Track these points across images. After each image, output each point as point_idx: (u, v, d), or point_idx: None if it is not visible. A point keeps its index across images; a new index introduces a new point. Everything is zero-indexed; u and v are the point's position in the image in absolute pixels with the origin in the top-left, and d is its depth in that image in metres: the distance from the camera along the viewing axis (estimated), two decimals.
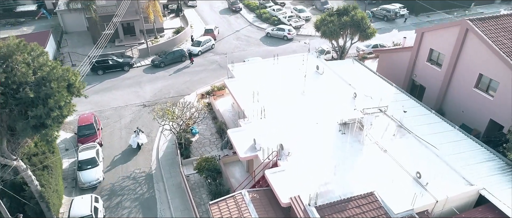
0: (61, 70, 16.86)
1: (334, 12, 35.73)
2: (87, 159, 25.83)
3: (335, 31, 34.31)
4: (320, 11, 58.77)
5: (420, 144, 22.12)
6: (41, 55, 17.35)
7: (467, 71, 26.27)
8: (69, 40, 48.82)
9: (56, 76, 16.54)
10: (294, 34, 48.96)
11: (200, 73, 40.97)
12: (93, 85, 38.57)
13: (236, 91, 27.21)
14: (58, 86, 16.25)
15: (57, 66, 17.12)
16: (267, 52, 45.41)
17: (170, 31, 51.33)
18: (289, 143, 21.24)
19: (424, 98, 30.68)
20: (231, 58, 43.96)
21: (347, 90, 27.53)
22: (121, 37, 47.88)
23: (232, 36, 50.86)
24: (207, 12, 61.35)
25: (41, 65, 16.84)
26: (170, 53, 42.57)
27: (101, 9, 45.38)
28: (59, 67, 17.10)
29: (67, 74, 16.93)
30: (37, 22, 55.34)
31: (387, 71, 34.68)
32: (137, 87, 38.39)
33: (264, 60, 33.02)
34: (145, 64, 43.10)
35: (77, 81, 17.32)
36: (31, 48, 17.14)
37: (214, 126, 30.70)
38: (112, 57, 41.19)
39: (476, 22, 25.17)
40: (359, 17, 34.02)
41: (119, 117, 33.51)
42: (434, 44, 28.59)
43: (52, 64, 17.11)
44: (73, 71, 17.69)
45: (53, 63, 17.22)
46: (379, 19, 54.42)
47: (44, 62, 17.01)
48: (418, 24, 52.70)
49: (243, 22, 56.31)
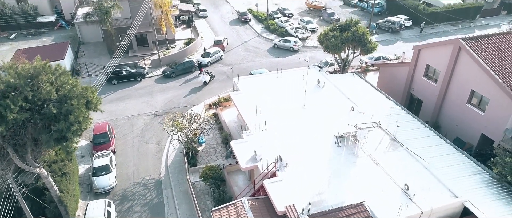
0: (80, 88, 18.84)
1: (336, 27, 37.27)
2: (101, 166, 27.89)
3: (337, 45, 35.83)
4: (327, 22, 60.34)
5: (411, 157, 23.47)
6: (63, 74, 19.37)
7: (460, 87, 27.51)
8: (86, 51, 51.42)
9: (76, 94, 18.54)
10: (300, 46, 50.60)
11: (209, 84, 42.87)
12: (107, 94, 40.85)
13: (240, 104, 28.95)
14: (78, 103, 18.24)
15: (77, 85, 19.15)
16: (273, 64, 47.17)
17: (181, 42, 53.54)
18: (287, 155, 22.87)
19: (422, 111, 31.97)
20: (239, 69, 45.91)
21: (346, 104, 28.98)
22: (135, 48, 50.25)
23: (241, 47, 52.77)
24: (218, 22, 63.48)
25: (63, 84, 18.89)
26: (181, 64, 44.66)
27: (116, 21, 47.81)
28: (79, 86, 19.12)
29: (85, 92, 18.90)
30: (56, 33, 58.23)
31: (387, 84, 36.05)
32: (149, 97, 40.51)
33: (268, 73, 34.72)
34: (157, 74, 45.26)
35: (94, 98, 19.28)
36: (55, 68, 19.18)
37: (220, 136, 32.49)
38: (126, 68, 43.47)
39: (468, 41, 26.46)
40: (360, 33, 35.49)
41: (132, 126, 35.61)
42: (430, 60, 29.90)
43: (73, 82, 19.14)
44: (91, 89, 19.68)
45: (74, 81, 19.26)
46: (384, 30, 55.65)
47: (66, 80, 19.05)
48: (421, 36, 53.80)
49: (251, 33, 58.20)
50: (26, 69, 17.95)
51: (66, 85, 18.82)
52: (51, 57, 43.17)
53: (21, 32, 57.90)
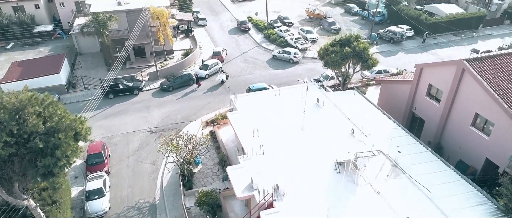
0: (69, 119, 18.10)
1: (336, 42, 36.47)
2: (95, 190, 27.16)
3: (337, 62, 35.04)
4: (327, 32, 59.61)
5: (413, 185, 22.66)
6: (51, 104, 18.64)
7: (464, 109, 26.69)
8: (83, 62, 50.75)
9: (64, 126, 17.80)
10: (300, 57, 49.84)
11: (207, 97, 42.16)
12: (104, 108, 40.15)
13: (237, 126, 28.19)
14: (66, 136, 17.51)
15: (66, 115, 18.41)
16: (273, 76, 46.44)
17: (180, 52, 52.82)
18: (285, 182, 22.09)
19: (424, 131, 31.16)
20: (237, 81, 45.24)
21: (346, 125, 28.18)
22: (132, 60, 49.57)
23: (240, 58, 52.03)
24: (217, 31, 62.78)
25: (51, 115, 18.15)
26: (178, 77, 43.93)
27: (113, 33, 47.10)
28: (68, 115, 18.38)
29: (74, 124, 18.16)
30: (53, 42, 57.64)
31: (388, 100, 35.26)
32: (146, 111, 39.78)
33: (267, 91, 33.88)
34: (154, 87, 44.54)
35: (83, 129, 18.53)
36: (42, 98, 18.45)
37: (217, 156, 31.73)
38: (122, 81, 42.76)
39: (472, 62, 25.64)
40: (361, 48, 34.68)
41: (127, 144, 34.88)
42: (433, 80, 29.09)
43: (61, 113, 18.40)
44: (80, 119, 18.94)
45: (63, 111, 18.52)
46: (385, 41, 54.83)
47: (54, 111, 18.32)
48: (423, 47, 52.97)
49: (251, 42, 57.47)
50: (12, 102, 17.19)
51: (54, 116, 18.08)
52: (47, 71, 42.82)
53: (18, 42, 57.29)
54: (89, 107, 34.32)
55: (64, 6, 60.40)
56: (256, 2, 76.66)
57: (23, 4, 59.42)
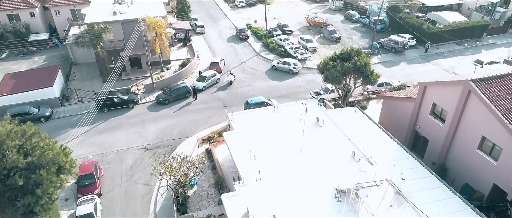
0: (51, 153, 17.01)
1: (336, 56, 35.37)
2: (85, 215, 26.01)
3: (338, 77, 33.94)
4: (328, 40, 58.50)
5: (417, 215, 21.51)
6: (34, 135, 17.56)
7: (470, 131, 25.56)
8: (78, 73, 49.71)
9: (47, 160, 16.71)
10: (299, 68, 48.71)
11: (204, 111, 41.06)
12: (98, 123, 39.07)
13: (234, 147, 27.09)
14: (48, 172, 16.42)
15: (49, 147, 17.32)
16: (272, 88, 45.33)
17: (177, 62, 51.75)
18: (283, 211, 20.97)
19: (427, 151, 30.03)
20: (235, 94, 44.18)
21: (347, 146, 27.05)
22: (128, 71, 48.50)
23: (238, 68, 50.92)
24: (215, 39, 61.69)
25: (33, 147, 17.08)
26: (175, 90, 42.82)
27: (108, 44, 46.05)
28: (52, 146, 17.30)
29: (57, 158, 17.08)
30: (49, 52, 56.61)
31: (390, 117, 34.14)
32: (141, 126, 38.69)
33: (265, 109, 32.71)
34: (150, 100, 43.46)
35: (67, 163, 17.45)
36: (23, 131, 17.36)
37: (213, 177, 30.62)
38: (117, 94, 41.67)
39: (479, 83, 24.50)
40: (362, 63, 33.58)
41: (121, 162, 33.80)
42: (437, 99, 27.96)
43: (45, 144, 17.32)
44: (65, 151, 17.86)
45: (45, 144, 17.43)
46: (387, 50, 53.68)
47: (36, 143, 17.24)
48: (426, 57, 51.82)
49: (249, 51, 56.37)
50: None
51: (36, 149, 17.01)
52: (40, 84, 41.77)
53: (12, 51, 56.30)
54: (83, 122, 33.43)
55: (60, 14, 59.49)
56: (256, 9, 75.73)
57: (18, 13, 58.48)
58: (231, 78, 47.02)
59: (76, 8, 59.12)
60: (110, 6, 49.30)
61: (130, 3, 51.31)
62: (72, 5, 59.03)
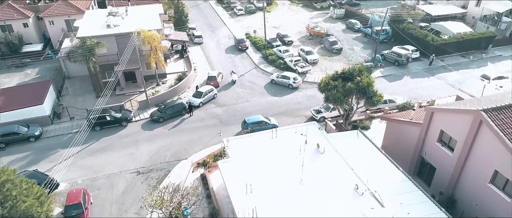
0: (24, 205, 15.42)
1: (338, 76, 33.75)
2: None
3: (339, 98, 32.32)
4: (329, 52, 56.88)
5: None
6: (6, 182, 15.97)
7: (481, 163, 23.90)
8: (71, 87, 48.14)
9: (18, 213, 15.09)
10: (299, 83, 47.07)
11: (200, 130, 39.44)
12: (89, 143, 37.48)
13: (229, 179, 25.53)
14: None
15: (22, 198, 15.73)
16: (270, 104, 43.72)
17: (173, 75, 50.16)
18: None
19: (435, 180, 28.39)
20: (233, 111, 42.60)
21: (349, 177, 25.45)
22: (123, 85, 46.91)
23: (236, 82, 49.27)
24: (213, 50, 60.13)
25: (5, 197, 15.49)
26: (170, 107, 41.21)
27: (102, 58, 44.50)
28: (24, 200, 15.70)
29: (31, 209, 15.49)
30: (42, 63, 55.05)
31: (395, 141, 32.52)
32: (134, 147, 37.08)
33: (262, 134, 31.00)
34: (144, 117, 41.85)
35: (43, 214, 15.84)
36: None
37: (208, 206, 28.97)
38: (110, 112, 40.07)
39: (491, 113, 22.84)
40: (365, 84, 31.97)
41: (111, 187, 32.19)
42: (445, 127, 26.31)
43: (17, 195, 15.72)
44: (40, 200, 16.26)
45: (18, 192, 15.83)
46: (390, 63, 52.03)
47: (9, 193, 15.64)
48: (430, 70, 50.16)
49: (248, 63, 54.75)
50: None
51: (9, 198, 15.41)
52: (30, 101, 40.15)
53: (4, 63, 54.77)
54: (74, 143, 31.92)
55: (54, 25, 57.94)
56: (255, 17, 74.18)
57: (11, 23, 56.96)
58: (234, 77, 48.75)
59: (70, 18, 57.62)
60: (103, 18, 47.82)
61: (125, 15, 49.81)
62: (66, 15, 57.51)
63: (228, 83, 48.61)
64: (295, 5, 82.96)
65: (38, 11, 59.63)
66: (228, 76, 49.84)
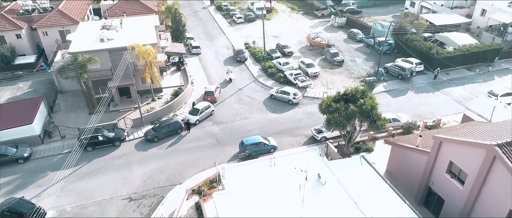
0: None
1: (340, 97, 32.12)
2: None
3: (342, 122, 30.68)
4: (330, 63, 55.28)
5: None
6: None
7: (495, 200, 22.27)
8: (63, 102, 46.62)
9: None
10: (299, 98, 45.43)
11: (195, 151, 37.83)
12: (80, 165, 35.91)
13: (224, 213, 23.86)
14: None
15: None
16: (269, 122, 42.12)
17: (170, 90, 48.61)
18: None
19: (443, 211, 26.80)
20: (230, 129, 41.03)
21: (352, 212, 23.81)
22: (117, 101, 45.33)
23: (234, 97, 47.71)
24: (211, 61, 58.56)
25: None
26: (165, 126, 39.59)
27: (95, 73, 42.97)
28: None
29: None
30: (35, 76, 53.57)
31: (400, 167, 30.94)
32: (126, 170, 35.48)
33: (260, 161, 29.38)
34: (138, 136, 40.25)
35: None
36: None
37: None
38: (103, 132, 38.47)
39: (506, 149, 21.21)
40: (369, 107, 30.33)
41: (102, 214, 30.58)
42: (455, 158, 24.69)
43: None
44: None
45: None
46: (393, 76, 50.38)
47: None
48: (435, 84, 48.49)
49: (247, 76, 53.14)
50: None
51: None
52: (19, 120, 38.52)
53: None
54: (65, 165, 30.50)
55: (48, 35, 56.40)
56: (255, 25, 72.67)
57: (3, 35, 55.51)
58: (231, 76, 51.39)
59: (64, 29, 56.15)
60: (97, 31, 46.33)
61: (120, 27, 48.30)
62: (60, 26, 56.01)
63: (225, 81, 51.22)
64: (296, 12, 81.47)
65: (31, 22, 58.18)
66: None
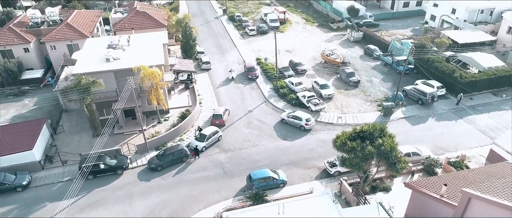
0: None
1: (356, 135, 29.56)
2: None
3: (358, 164, 28.18)
4: (345, 84, 52.63)
5: None
6: None
7: None
8: (67, 122, 45.27)
9: None
10: (312, 124, 42.99)
11: (201, 182, 35.77)
12: (80, 196, 34.25)
13: None
14: None
15: None
16: (280, 151, 39.81)
17: (177, 110, 46.79)
18: None
19: None
20: (238, 159, 39.00)
21: None
22: (121, 123, 43.66)
23: (243, 120, 45.55)
24: (221, 77, 56.56)
25: None
26: (169, 155, 37.65)
27: (100, 94, 41.41)
28: None
29: None
30: (41, 92, 52.39)
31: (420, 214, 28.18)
32: (127, 203, 33.67)
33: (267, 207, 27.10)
34: (142, 164, 38.45)
35: None
36: None
37: None
38: (105, 159, 36.79)
39: None
40: (388, 148, 27.72)
41: None
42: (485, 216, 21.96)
43: None
44: None
45: None
46: (412, 101, 47.42)
47: None
48: (457, 111, 45.38)
49: (257, 96, 50.92)
50: None
51: None
52: (19, 145, 37.04)
53: (3, 91, 52.41)
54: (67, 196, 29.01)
55: (56, 49, 55.30)
56: (267, 38, 70.55)
57: (11, 48, 54.60)
58: (233, 75, 55.55)
59: (73, 43, 55.04)
60: (104, 50, 44.81)
61: (127, 45, 46.73)
62: (68, 40, 54.85)
63: (227, 79, 54.99)
64: (310, 24, 78.99)
65: (40, 35, 57.18)
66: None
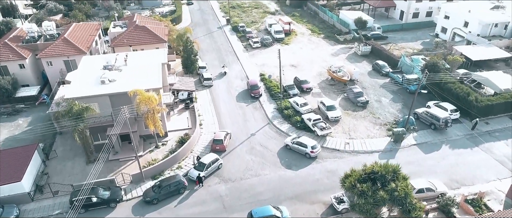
0: None
1: (366, 176, 27.11)
2: None
3: (368, 210, 25.72)
4: (353, 104, 50.10)
5: None
6: None
7: None
8: (61, 146, 43.14)
9: None
10: (318, 151, 40.51)
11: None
12: None
13: None
14: None
15: None
16: (283, 182, 37.39)
17: (175, 134, 44.54)
18: None
19: None
20: (239, 191, 36.72)
21: None
22: (117, 149, 41.42)
23: (245, 145, 43.18)
24: (223, 95, 54.26)
25: None
26: (166, 186, 35.33)
27: (94, 119, 39.31)
28: None
29: None
30: (36, 110, 50.46)
31: None
32: None
33: None
34: (137, 195, 36.23)
35: None
36: None
37: None
38: (97, 191, 34.64)
39: None
40: (402, 194, 25.27)
41: None
42: None
43: None
44: None
45: None
46: (425, 125, 44.76)
47: None
48: (473, 136, 42.69)
49: (260, 117, 48.56)
50: None
51: None
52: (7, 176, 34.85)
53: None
54: None
55: (52, 65, 53.41)
56: (271, 51, 68.27)
57: (6, 65, 52.78)
58: (226, 70, 59.81)
59: (70, 59, 53.17)
60: (99, 71, 42.71)
61: (124, 64, 44.66)
62: (65, 56, 52.95)
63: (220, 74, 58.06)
64: (316, 35, 76.55)
65: (36, 50, 55.32)
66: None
